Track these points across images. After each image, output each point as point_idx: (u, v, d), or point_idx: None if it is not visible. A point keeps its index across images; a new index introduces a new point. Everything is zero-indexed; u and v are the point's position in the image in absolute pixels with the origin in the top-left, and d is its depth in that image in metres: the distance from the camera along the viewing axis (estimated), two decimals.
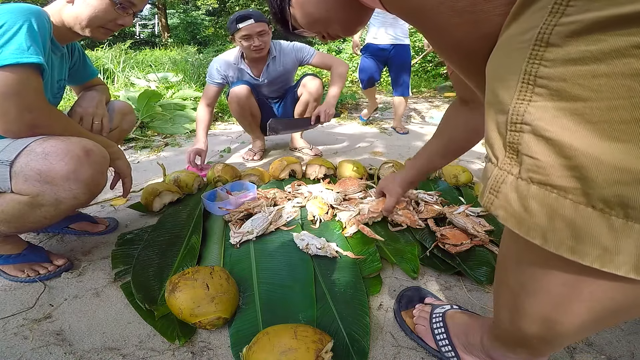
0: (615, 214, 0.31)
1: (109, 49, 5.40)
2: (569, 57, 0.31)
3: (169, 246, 1.12)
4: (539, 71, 0.33)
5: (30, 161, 0.80)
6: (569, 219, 0.33)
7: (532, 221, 0.35)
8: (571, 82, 0.31)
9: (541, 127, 0.33)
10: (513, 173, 0.37)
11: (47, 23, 0.87)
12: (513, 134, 0.36)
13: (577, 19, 0.30)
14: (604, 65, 0.29)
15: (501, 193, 0.38)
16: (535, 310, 0.47)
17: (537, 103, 0.33)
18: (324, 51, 8.57)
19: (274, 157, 2.19)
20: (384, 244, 1.14)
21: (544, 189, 0.34)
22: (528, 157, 0.35)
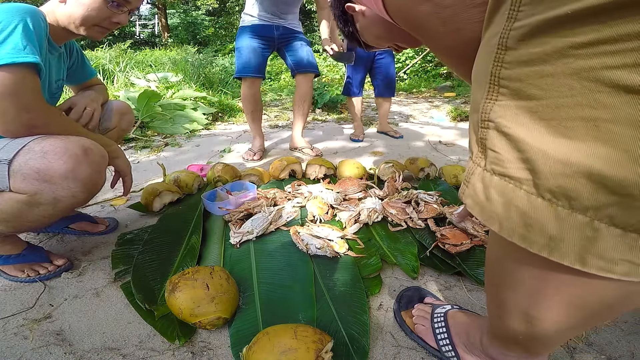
0: (562, 204, 0.33)
1: (109, 49, 5.40)
2: (522, 59, 0.33)
3: (169, 246, 1.12)
4: (501, 73, 0.35)
5: (29, 160, 0.80)
6: (522, 208, 0.35)
7: (492, 209, 0.38)
8: (525, 82, 0.33)
9: (502, 124, 0.36)
10: (481, 165, 0.40)
11: (42, 22, 0.87)
12: (482, 130, 0.38)
13: (525, 23, 0.32)
14: (548, 65, 0.31)
15: (470, 183, 0.41)
16: (514, 304, 0.49)
17: (501, 102, 0.36)
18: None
19: (274, 157, 2.19)
20: (384, 244, 1.14)
21: (503, 180, 0.37)
22: (491, 151, 0.38)
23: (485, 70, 0.37)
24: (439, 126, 3.16)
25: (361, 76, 2.55)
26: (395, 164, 1.68)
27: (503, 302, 0.51)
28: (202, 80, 4.46)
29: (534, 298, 0.45)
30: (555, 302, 0.43)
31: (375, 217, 1.27)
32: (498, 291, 0.51)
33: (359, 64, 2.50)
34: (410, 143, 2.56)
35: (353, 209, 1.33)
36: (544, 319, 0.45)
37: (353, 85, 2.55)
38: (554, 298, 0.42)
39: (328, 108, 3.92)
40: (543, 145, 0.32)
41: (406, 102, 4.65)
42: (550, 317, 0.45)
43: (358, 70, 2.52)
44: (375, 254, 1.08)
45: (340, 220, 1.30)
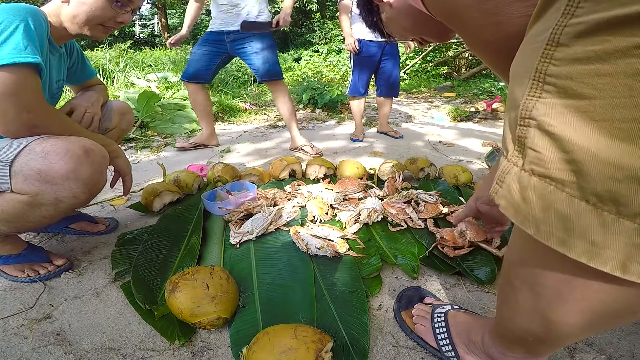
0: (608, 209, 0.31)
1: (109, 49, 5.40)
2: (576, 57, 0.32)
3: (169, 246, 1.12)
4: (549, 69, 0.34)
5: (30, 160, 0.80)
6: (563, 211, 0.34)
7: (528, 211, 0.37)
8: (577, 80, 0.32)
9: (546, 122, 0.34)
10: (518, 165, 0.38)
11: (44, 22, 0.87)
12: (521, 128, 0.37)
13: (584, 20, 0.31)
14: (607, 64, 0.30)
15: (505, 183, 0.39)
16: (533, 307, 0.47)
17: (546, 100, 0.34)
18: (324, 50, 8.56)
19: (274, 157, 2.19)
20: (384, 244, 1.14)
21: (543, 181, 0.35)
22: (532, 150, 0.36)
23: (528, 66, 0.36)
24: (439, 126, 3.16)
25: (367, 77, 2.57)
26: (395, 164, 1.68)
27: (520, 303, 0.50)
28: None
29: (556, 302, 0.43)
30: (579, 308, 0.42)
31: (375, 217, 1.27)
32: (516, 293, 0.50)
33: (365, 66, 2.51)
34: (410, 143, 2.56)
35: (353, 209, 1.33)
36: (563, 323, 0.44)
37: (359, 86, 2.56)
38: (579, 303, 0.41)
39: (328, 108, 3.92)
40: (592, 146, 0.31)
41: (406, 102, 4.65)
42: (569, 322, 0.44)
43: (364, 71, 2.54)
44: (375, 254, 1.08)
45: (340, 220, 1.30)
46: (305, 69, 6.77)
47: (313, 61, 7.80)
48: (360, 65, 2.52)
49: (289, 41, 11.82)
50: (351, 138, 2.67)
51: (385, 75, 2.56)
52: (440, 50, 6.87)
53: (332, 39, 10.10)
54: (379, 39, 2.43)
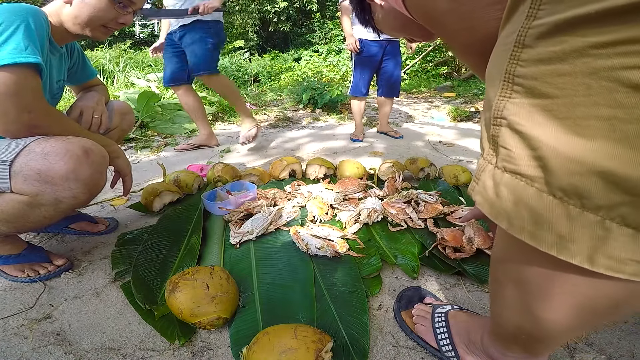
0: (573, 203, 0.33)
1: (109, 49, 5.40)
2: (539, 57, 0.33)
3: (169, 246, 1.12)
4: (516, 70, 0.35)
5: (30, 161, 0.80)
6: (532, 205, 0.35)
7: (501, 206, 0.38)
8: (541, 80, 0.33)
9: (516, 122, 0.36)
10: (492, 163, 0.40)
11: (44, 23, 0.87)
12: (494, 128, 0.39)
13: (545, 21, 0.32)
14: (566, 64, 0.31)
15: (481, 180, 0.41)
16: (519, 303, 0.48)
17: (515, 100, 0.36)
18: (324, 50, 8.56)
19: (274, 157, 2.19)
20: (384, 244, 1.14)
21: (514, 177, 0.37)
22: (503, 148, 0.38)
23: (499, 68, 0.37)
24: (439, 126, 3.16)
25: (368, 77, 2.57)
26: (395, 164, 1.68)
27: (507, 300, 0.51)
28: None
29: (539, 297, 0.45)
30: (561, 302, 0.43)
31: (375, 217, 1.27)
32: (503, 289, 0.51)
33: (366, 66, 2.52)
34: (410, 143, 2.56)
35: (353, 209, 1.33)
36: (549, 319, 0.45)
37: (361, 86, 2.56)
38: (560, 297, 0.42)
39: (328, 108, 3.92)
40: (556, 143, 0.32)
41: (406, 102, 4.65)
42: (554, 317, 0.45)
43: (365, 71, 2.54)
44: (375, 254, 1.08)
45: (340, 220, 1.30)
46: (305, 69, 6.77)
47: (313, 61, 7.80)
48: (361, 65, 2.52)
49: (289, 41, 11.82)
50: (351, 138, 2.67)
51: (386, 76, 2.56)
52: (440, 50, 6.87)
53: (332, 39, 10.10)
54: (380, 39, 2.44)
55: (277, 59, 8.49)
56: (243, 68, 5.89)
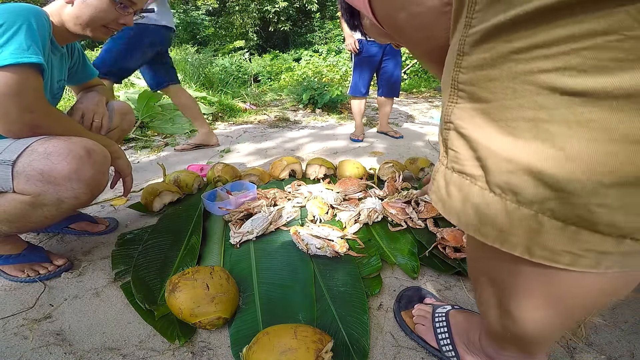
0: (509, 199, 0.35)
1: None
2: (475, 64, 0.35)
3: (169, 246, 1.12)
4: (459, 77, 0.38)
5: (32, 161, 0.80)
6: (476, 202, 0.38)
7: (452, 204, 0.41)
8: (478, 86, 0.36)
9: (460, 125, 0.39)
10: (444, 164, 0.43)
11: (46, 23, 0.87)
12: (445, 132, 0.42)
13: (477, 30, 0.34)
14: (495, 70, 0.33)
15: (435, 180, 0.45)
16: (495, 301, 0.50)
17: (460, 105, 0.39)
18: (324, 50, 8.56)
19: (274, 157, 2.19)
20: (384, 244, 1.14)
21: (461, 177, 0.40)
22: (452, 150, 0.41)
23: (448, 75, 0.40)
24: (438, 126, 3.15)
25: (368, 77, 2.56)
26: (395, 164, 1.68)
27: (485, 299, 0.53)
28: (202, 80, 4.45)
29: (507, 293, 0.47)
30: (528, 297, 0.45)
31: (375, 217, 1.27)
32: (480, 288, 0.54)
33: (366, 66, 2.51)
34: (410, 143, 2.56)
35: (353, 209, 1.33)
36: (521, 315, 0.47)
37: (360, 86, 2.56)
38: (527, 293, 0.45)
39: (328, 108, 3.92)
40: (491, 144, 0.35)
41: (406, 102, 4.65)
42: (526, 313, 0.47)
43: (365, 71, 2.54)
44: (375, 254, 1.08)
45: (340, 220, 1.30)
46: (305, 69, 6.76)
47: (313, 61, 7.80)
48: (361, 66, 2.52)
49: (289, 41, 11.82)
50: (351, 138, 2.67)
51: (386, 76, 2.56)
52: None
53: (332, 39, 10.10)
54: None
55: (277, 59, 8.49)
56: (243, 68, 5.89)
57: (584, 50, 0.28)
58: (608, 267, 0.34)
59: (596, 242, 0.33)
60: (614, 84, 0.27)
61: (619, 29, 0.26)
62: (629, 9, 0.25)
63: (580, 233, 0.33)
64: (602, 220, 0.31)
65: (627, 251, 0.32)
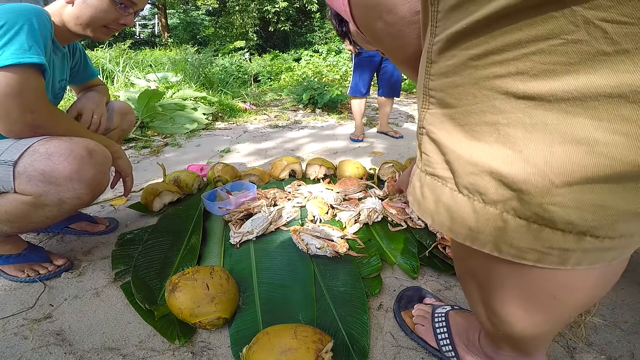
0: (476, 199, 0.36)
1: (109, 49, 5.40)
2: (441, 71, 0.37)
3: (169, 246, 1.12)
4: (429, 84, 0.39)
5: (34, 161, 0.80)
6: (447, 203, 0.39)
7: (426, 205, 0.43)
8: (445, 92, 0.37)
9: (431, 130, 0.40)
10: (419, 167, 0.44)
11: (47, 23, 0.87)
12: (419, 136, 0.43)
13: (440, 38, 0.36)
14: (457, 76, 0.35)
15: (412, 183, 0.46)
16: (480, 298, 0.52)
17: (431, 110, 0.40)
18: (324, 50, 8.56)
19: (274, 157, 2.19)
20: (384, 244, 1.14)
21: (433, 179, 0.41)
22: (425, 154, 0.42)
23: (420, 82, 0.41)
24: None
25: (368, 77, 2.56)
26: (395, 164, 1.68)
27: (472, 297, 0.54)
28: (202, 80, 4.45)
29: (488, 290, 0.48)
30: (507, 294, 0.46)
31: (375, 217, 1.27)
32: (466, 287, 0.55)
33: (366, 67, 2.51)
34: (410, 143, 2.56)
35: (353, 209, 1.33)
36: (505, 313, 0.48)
37: (360, 86, 2.56)
38: (505, 290, 0.46)
39: (328, 108, 3.92)
40: (457, 147, 0.37)
41: (406, 102, 4.65)
42: (509, 310, 0.47)
43: (365, 71, 2.53)
44: (375, 254, 1.08)
45: (340, 220, 1.30)
46: (305, 69, 6.76)
47: (313, 61, 7.79)
48: (361, 66, 2.52)
49: (289, 41, 11.82)
50: (351, 138, 2.67)
51: (386, 76, 2.56)
52: None
53: (332, 39, 10.10)
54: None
55: (277, 59, 8.49)
56: (243, 68, 5.89)
57: (532, 55, 0.29)
58: (576, 264, 0.35)
59: (558, 239, 0.34)
60: (562, 87, 0.28)
61: (560, 33, 0.27)
62: (566, 13, 0.26)
63: (543, 231, 0.34)
64: (559, 219, 0.32)
65: (588, 248, 0.34)
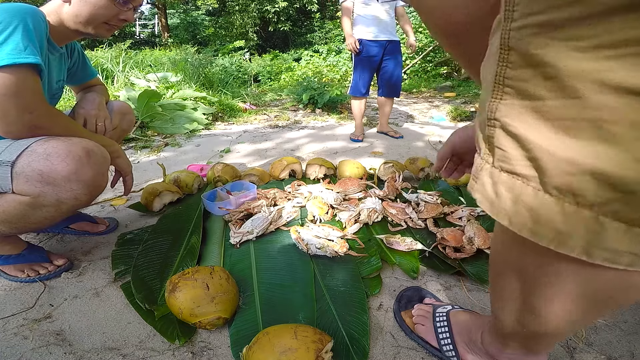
0: (568, 200, 0.34)
1: (109, 49, 5.40)
2: (525, 60, 0.34)
3: (169, 246, 1.12)
4: (506, 72, 0.36)
5: (32, 162, 0.80)
6: (530, 204, 0.36)
7: (500, 205, 0.39)
8: (530, 82, 0.34)
9: (507, 123, 0.37)
10: (489, 162, 0.41)
11: (42, 23, 0.86)
12: (489, 129, 0.39)
13: (523, 23, 0.33)
14: (551, 68, 0.32)
15: (479, 179, 0.42)
16: (519, 294, 0.50)
17: (506, 101, 0.37)
18: (324, 50, 8.56)
19: (274, 157, 2.19)
20: (384, 244, 1.14)
21: (511, 177, 0.38)
22: (499, 149, 0.39)
23: (491, 70, 0.38)
24: (439, 126, 3.16)
25: (368, 77, 2.56)
26: (395, 164, 1.68)
27: (508, 293, 0.52)
28: (202, 80, 4.46)
29: (538, 289, 0.46)
30: (559, 293, 0.44)
31: (375, 217, 1.27)
32: (504, 282, 0.52)
33: (366, 67, 2.51)
34: (410, 143, 2.56)
35: (353, 209, 1.33)
36: (547, 310, 0.47)
37: (360, 86, 2.56)
38: (558, 288, 0.44)
39: (328, 108, 3.92)
40: (548, 144, 0.33)
41: (406, 102, 4.65)
42: (552, 308, 0.46)
43: (365, 71, 2.53)
44: (375, 254, 1.08)
45: (340, 220, 1.30)
46: (305, 69, 6.77)
47: (313, 61, 7.80)
48: (361, 66, 2.51)
49: (289, 41, 11.82)
50: (351, 138, 2.67)
51: (386, 76, 2.56)
52: (441, 50, 6.86)
53: (332, 39, 10.10)
54: (380, 39, 2.44)
55: (277, 59, 8.49)
56: (243, 68, 5.90)
57: None
58: None
59: None
60: None
61: None
62: None
63: None
64: None
65: None
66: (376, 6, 2.39)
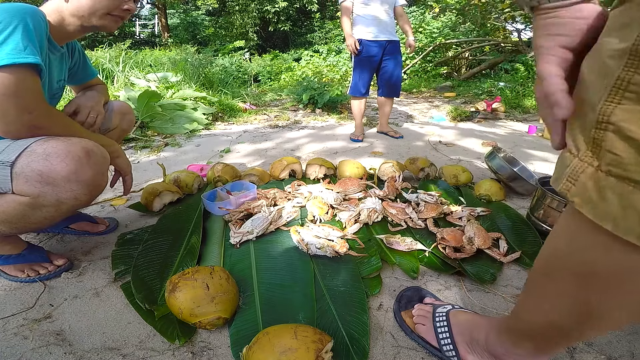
0: None
1: (109, 49, 5.40)
2: None
3: (169, 246, 1.12)
4: (633, 78, 0.35)
5: (31, 162, 0.80)
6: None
7: (606, 209, 0.38)
8: None
9: (626, 128, 0.36)
10: (593, 165, 0.39)
11: (43, 22, 0.86)
12: (598, 131, 0.38)
13: None
14: None
15: (579, 182, 0.41)
16: (574, 296, 0.48)
17: (625, 106, 0.36)
18: (324, 50, 8.56)
19: (274, 157, 2.19)
20: (383, 244, 1.14)
21: (621, 182, 0.37)
22: (610, 153, 0.37)
23: (609, 72, 0.37)
24: (439, 126, 3.16)
25: (368, 77, 2.56)
26: (395, 164, 1.68)
27: (557, 293, 0.51)
28: (202, 80, 4.46)
29: (607, 292, 0.45)
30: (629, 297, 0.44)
31: (375, 217, 1.27)
32: (555, 282, 0.51)
33: (366, 67, 2.51)
34: (410, 143, 2.56)
35: (353, 209, 1.33)
36: (605, 313, 0.46)
37: (360, 86, 2.56)
38: (632, 294, 0.43)
39: (328, 108, 3.92)
40: None
41: (406, 102, 4.65)
42: (612, 313, 0.46)
43: (365, 71, 2.53)
44: (375, 254, 1.08)
45: (340, 220, 1.30)
46: (305, 69, 6.77)
47: (313, 61, 7.80)
48: (360, 66, 2.51)
49: (289, 41, 11.83)
50: (351, 138, 2.67)
51: (386, 76, 2.56)
52: (440, 51, 6.86)
53: (332, 39, 10.10)
54: (380, 39, 2.44)
55: (277, 59, 8.49)
56: (243, 68, 5.90)
57: None
58: None
59: None
60: None
61: None
62: None
63: None
64: None
65: None
66: (376, 6, 2.39)
